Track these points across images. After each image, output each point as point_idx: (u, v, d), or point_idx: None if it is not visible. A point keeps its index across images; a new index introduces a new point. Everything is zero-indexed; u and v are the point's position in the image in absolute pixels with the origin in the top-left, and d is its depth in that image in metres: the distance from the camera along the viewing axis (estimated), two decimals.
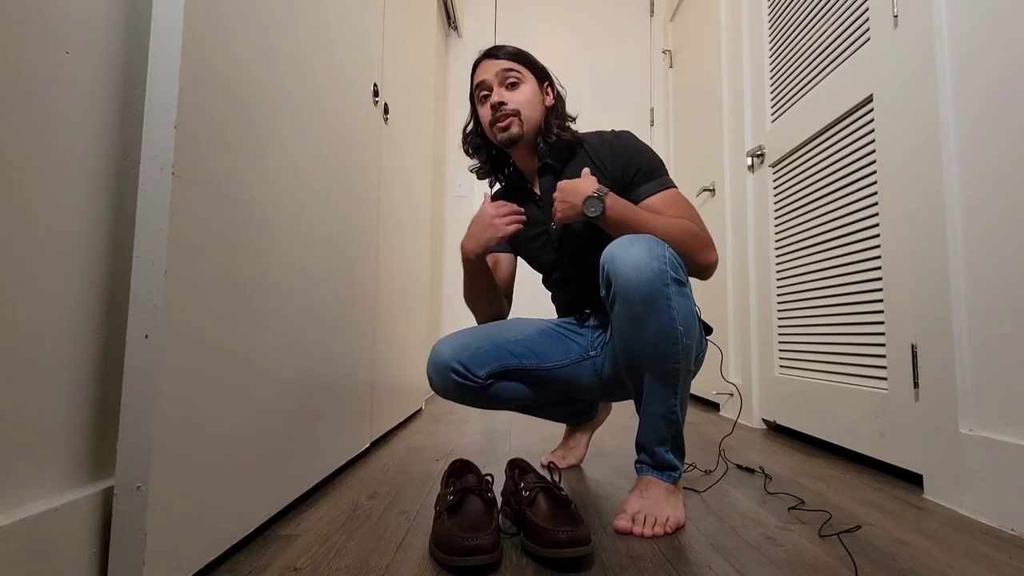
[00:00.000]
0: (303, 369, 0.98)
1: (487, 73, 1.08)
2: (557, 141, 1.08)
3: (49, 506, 0.55)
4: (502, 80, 1.08)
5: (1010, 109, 0.93)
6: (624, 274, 0.85)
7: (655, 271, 0.84)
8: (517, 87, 1.08)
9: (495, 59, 1.09)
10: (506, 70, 1.07)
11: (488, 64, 1.09)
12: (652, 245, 0.86)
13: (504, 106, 1.06)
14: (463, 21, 3.07)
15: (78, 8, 0.61)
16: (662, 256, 0.85)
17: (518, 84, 1.08)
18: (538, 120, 1.09)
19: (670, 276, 0.85)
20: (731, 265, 2.14)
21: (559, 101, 1.14)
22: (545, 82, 1.13)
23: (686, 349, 0.88)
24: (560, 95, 1.15)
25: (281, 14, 0.89)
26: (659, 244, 0.87)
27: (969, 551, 0.81)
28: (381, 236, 1.51)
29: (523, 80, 1.09)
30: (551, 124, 1.09)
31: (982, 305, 0.98)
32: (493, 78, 1.08)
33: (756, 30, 1.97)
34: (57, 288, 0.58)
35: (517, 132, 1.07)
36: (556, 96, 1.14)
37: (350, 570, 0.72)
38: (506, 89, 1.08)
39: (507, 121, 1.07)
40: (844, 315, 1.43)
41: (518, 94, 1.08)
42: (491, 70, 1.08)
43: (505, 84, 1.08)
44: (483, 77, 1.09)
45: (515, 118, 1.07)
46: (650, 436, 0.93)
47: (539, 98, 1.10)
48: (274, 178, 0.87)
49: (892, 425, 1.22)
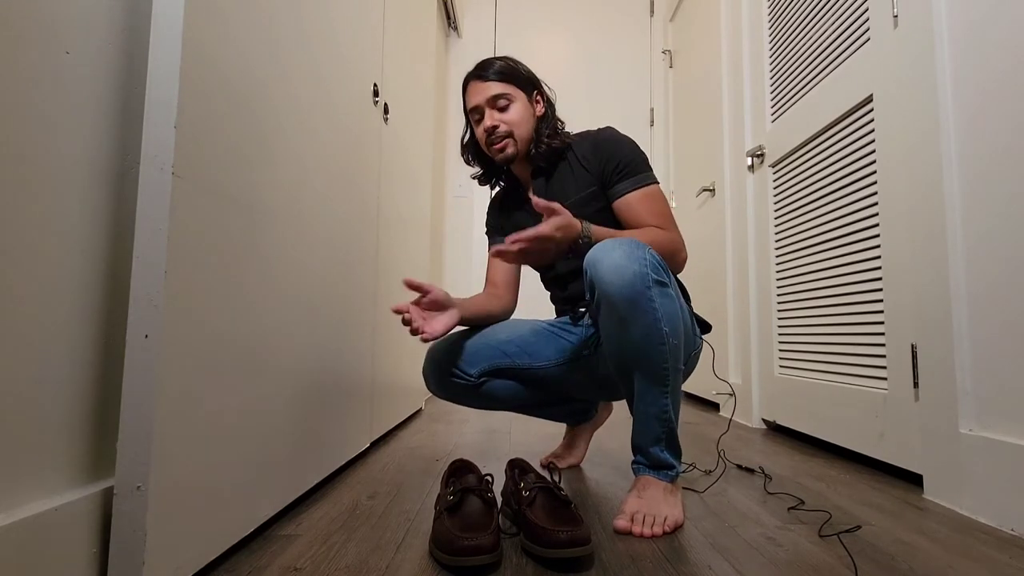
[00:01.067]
0: (303, 369, 0.98)
1: (478, 97, 1.12)
2: (547, 148, 1.12)
3: (49, 506, 0.55)
4: (492, 104, 1.11)
5: (1010, 109, 0.93)
6: (606, 278, 0.86)
7: (636, 274, 0.85)
8: (508, 109, 1.11)
9: (484, 81, 1.12)
10: (495, 96, 1.11)
11: (478, 87, 1.12)
12: (632, 248, 0.86)
13: (497, 129, 1.10)
14: (463, 21, 3.07)
15: (78, 8, 0.61)
16: (643, 259, 0.86)
17: (508, 106, 1.11)
18: (530, 133, 1.13)
19: (651, 278, 0.86)
20: (731, 265, 2.14)
21: (549, 107, 1.17)
22: (534, 92, 1.16)
23: (673, 349, 0.89)
24: (550, 100, 1.18)
25: (281, 14, 0.89)
26: (639, 247, 0.87)
27: (969, 551, 0.81)
28: (381, 235, 1.51)
29: (513, 100, 1.12)
30: (541, 133, 1.13)
31: (982, 305, 0.98)
32: (484, 104, 1.11)
33: (756, 30, 1.97)
34: (57, 288, 0.58)
35: (512, 152, 1.12)
36: (546, 102, 1.17)
37: (350, 570, 0.72)
38: (498, 112, 1.11)
39: (502, 144, 1.11)
40: (844, 315, 1.43)
41: (509, 115, 1.11)
42: (481, 95, 1.11)
43: (496, 107, 1.11)
44: (475, 102, 1.12)
45: (509, 139, 1.11)
46: (644, 436, 0.93)
47: (530, 112, 1.14)
48: (274, 178, 0.87)
49: (892, 425, 1.22)
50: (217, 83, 0.70)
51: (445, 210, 2.99)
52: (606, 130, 1.13)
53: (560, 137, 1.14)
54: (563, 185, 1.13)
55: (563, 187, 1.13)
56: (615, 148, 1.09)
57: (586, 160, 1.11)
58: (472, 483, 0.84)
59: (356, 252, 1.28)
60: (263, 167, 0.83)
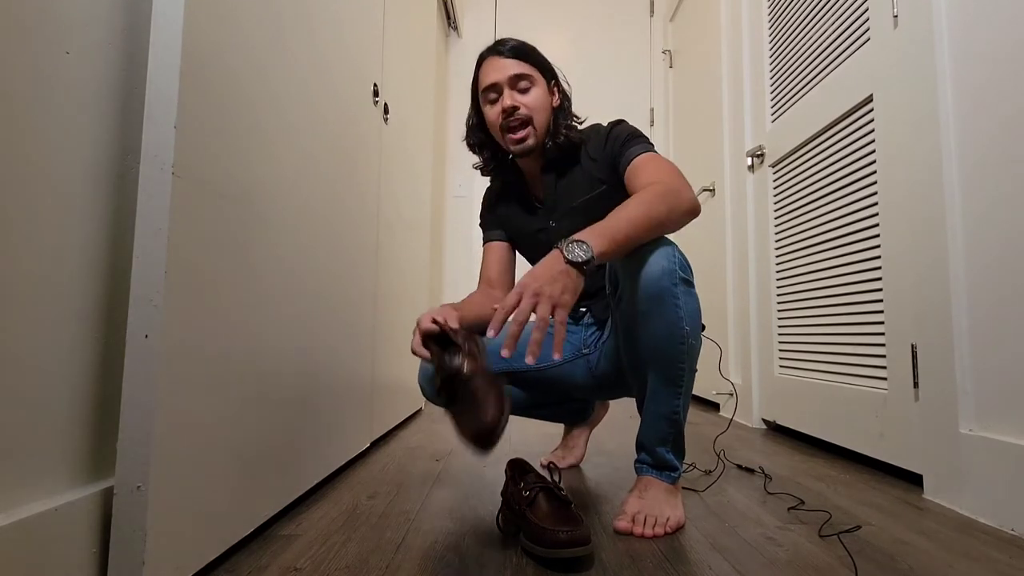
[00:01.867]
0: (303, 369, 0.98)
1: (498, 75, 1.03)
2: (565, 141, 1.06)
3: (49, 506, 0.55)
4: (513, 83, 1.03)
5: (1011, 109, 0.93)
6: (634, 272, 0.86)
7: (664, 269, 0.85)
8: (528, 92, 1.04)
9: (503, 57, 1.04)
10: (518, 75, 1.03)
11: (496, 63, 1.04)
12: (663, 245, 0.87)
13: (517, 111, 1.02)
14: (463, 21, 3.07)
15: (78, 8, 0.61)
16: (671, 256, 0.86)
17: (529, 89, 1.04)
18: (547, 124, 1.07)
19: (679, 276, 0.86)
20: (731, 265, 2.14)
21: (565, 99, 1.11)
22: (552, 81, 1.10)
23: (691, 349, 0.88)
24: (565, 92, 1.12)
25: (281, 14, 0.89)
26: (668, 244, 0.88)
27: (969, 551, 0.81)
28: (381, 236, 1.51)
29: (534, 83, 1.05)
30: (559, 125, 1.07)
31: (982, 305, 0.98)
32: (504, 81, 1.03)
33: (756, 30, 1.97)
34: (57, 288, 0.58)
35: (532, 144, 1.04)
36: (562, 94, 1.11)
37: (350, 570, 0.72)
38: (519, 93, 1.04)
39: (523, 133, 1.03)
40: (844, 315, 1.43)
41: (530, 98, 1.04)
42: (501, 72, 1.03)
43: (517, 88, 1.04)
44: (494, 79, 1.04)
45: (530, 127, 1.03)
46: (651, 436, 0.93)
47: (548, 100, 1.07)
48: (274, 178, 0.87)
49: (892, 425, 1.22)
50: (217, 83, 0.70)
51: (445, 210, 2.99)
52: (616, 123, 1.07)
53: (576, 131, 1.08)
54: (572, 187, 1.09)
55: (571, 190, 1.09)
56: (619, 132, 1.04)
57: (596, 153, 1.06)
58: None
59: (356, 252, 1.28)
60: (263, 167, 0.83)
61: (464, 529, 0.88)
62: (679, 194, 0.88)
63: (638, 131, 1.05)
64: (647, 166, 0.96)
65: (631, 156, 0.99)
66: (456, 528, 0.88)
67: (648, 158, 0.98)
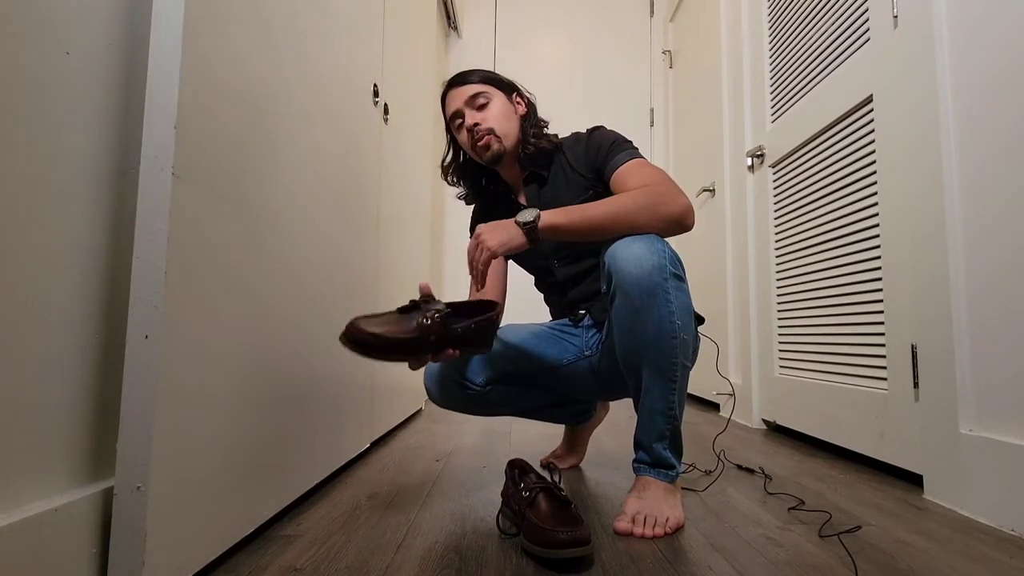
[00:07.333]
0: (303, 369, 0.98)
1: (457, 102, 1.11)
2: (536, 148, 1.11)
3: (49, 506, 0.55)
4: (471, 103, 1.10)
5: (1011, 109, 0.93)
6: (625, 268, 0.87)
7: (655, 265, 0.86)
8: (487, 107, 1.11)
9: (459, 86, 1.12)
10: (473, 95, 1.10)
11: (455, 93, 1.12)
12: (653, 241, 0.88)
13: (478, 126, 1.09)
14: (463, 21, 3.07)
15: (78, 8, 0.61)
16: (662, 251, 0.88)
17: (487, 104, 1.11)
18: (515, 131, 1.12)
19: (669, 271, 0.88)
20: (731, 265, 2.14)
21: (531, 108, 1.17)
22: (513, 93, 1.16)
23: (683, 344, 0.90)
24: (531, 101, 1.18)
25: (281, 14, 0.89)
26: (659, 240, 0.89)
27: (969, 551, 0.81)
28: (381, 235, 1.51)
29: (491, 98, 1.11)
30: (527, 132, 1.13)
31: (982, 305, 0.98)
32: (463, 105, 1.10)
33: (756, 30, 1.97)
34: (57, 288, 0.58)
35: (499, 148, 1.09)
36: (527, 103, 1.17)
37: (350, 570, 0.72)
38: (476, 111, 1.10)
39: (485, 140, 1.09)
40: (844, 315, 1.43)
41: (489, 112, 1.10)
42: (460, 98, 1.11)
43: (475, 107, 1.10)
44: (455, 107, 1.11)
45: (492, 135, 1.09)
46: (648, 432, 0.93)
47: (511, 109, 1.13)
48: (274, 178, 0.87)
49: (892, 425, 1.22)
50: (217, 83, 0.70)
51: (445, 210, 2.99)
52: (597, 128, 1.11)
53: (548, 138, 1.13)
54: (556, 192, 1.11)
55: (556, 194, 1.10)
56: (600, 138, 1.07)
57: (578, 163, 1.09)
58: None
59: (356, 251, 1.28)
60: (263, 167, 0.83)
61: (464, 529, 0.88)
62: (663, 197, 0.91)
63: (621, 137, 1.08)
64: (634, 173, 0.99)
65: (616, 164, 1.02)
66: (456, 528, 0.88)
67: (635, 165, 1.00)
